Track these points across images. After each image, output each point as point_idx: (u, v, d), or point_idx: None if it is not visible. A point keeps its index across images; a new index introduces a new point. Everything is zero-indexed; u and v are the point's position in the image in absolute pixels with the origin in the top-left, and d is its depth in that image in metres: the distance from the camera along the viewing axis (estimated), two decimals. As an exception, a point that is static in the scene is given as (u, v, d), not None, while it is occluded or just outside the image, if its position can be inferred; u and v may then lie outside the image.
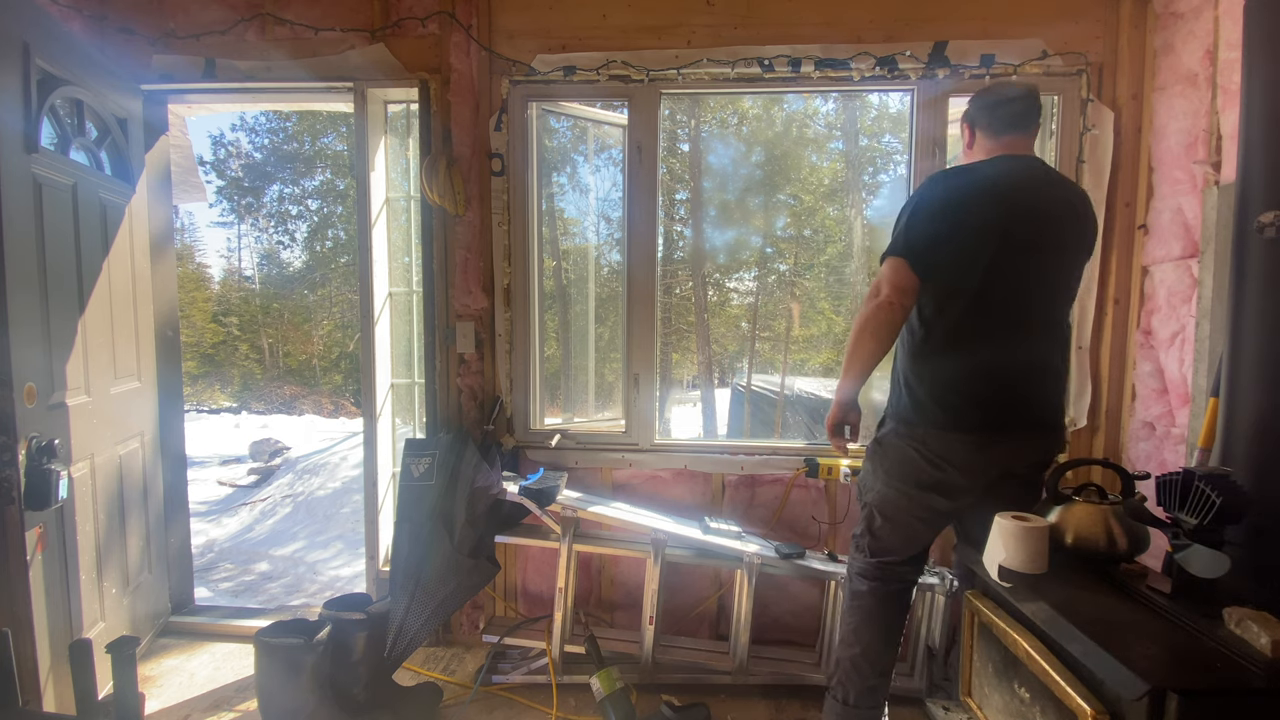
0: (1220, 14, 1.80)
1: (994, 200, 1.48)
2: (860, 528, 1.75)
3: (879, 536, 1.69)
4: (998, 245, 1.47)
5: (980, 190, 1.50)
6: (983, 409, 1.52)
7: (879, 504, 1.67)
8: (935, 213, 1.50)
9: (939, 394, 1.54)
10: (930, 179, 1.57)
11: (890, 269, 1.50)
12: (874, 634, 1.70)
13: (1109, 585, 1.34)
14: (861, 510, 1.75)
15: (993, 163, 1.57)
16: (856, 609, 1.72)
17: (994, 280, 1.49)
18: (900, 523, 1.66)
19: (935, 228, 1.48)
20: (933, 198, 1.52)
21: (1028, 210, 1.50)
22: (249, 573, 4.17)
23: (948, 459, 1.54)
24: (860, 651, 1.69)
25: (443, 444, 2.11)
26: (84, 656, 1.30)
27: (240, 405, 17.22)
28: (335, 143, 18.48)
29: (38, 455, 1.69)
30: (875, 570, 1.70)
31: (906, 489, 1.61)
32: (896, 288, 1.49)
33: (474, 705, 2.08)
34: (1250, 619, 1.08)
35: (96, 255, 2.09)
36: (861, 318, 1.53)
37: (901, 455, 1.60)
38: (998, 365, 1.52)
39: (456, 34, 2.28)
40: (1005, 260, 1.48)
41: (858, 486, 1.78)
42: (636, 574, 2.40)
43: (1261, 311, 1.34)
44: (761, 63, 2.22)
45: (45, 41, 1.82)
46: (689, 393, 16.33)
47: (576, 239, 3.29)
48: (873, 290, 1.53)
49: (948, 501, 1.59)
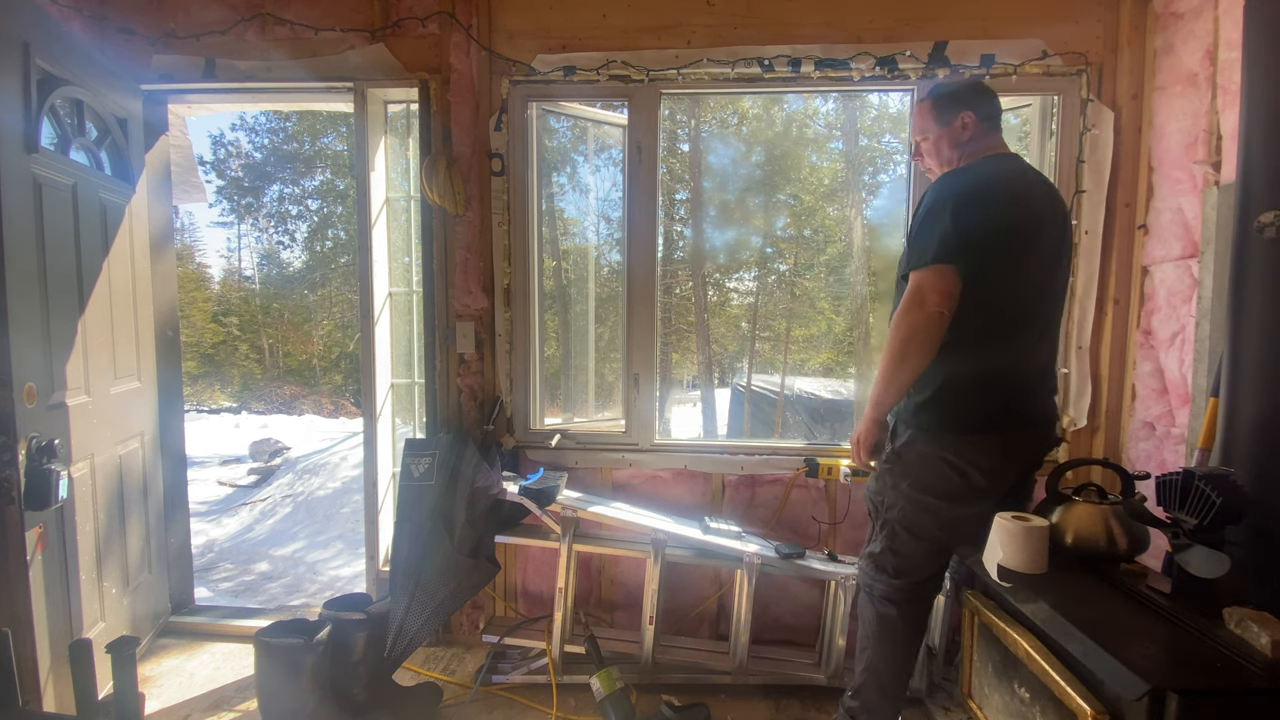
0: (1220, 14, 1.80)
1: (1014, 201, 1.47)
2: (879, 546, 1.63)
3: (904, 555, 1.59)
4: (1021, 247, 1.47)
5: (1010, 191, 1.48)
6: (1006, 411, 1.51)
7: (903, 520, 1.57)
8: (978, 216, 1.42)
9: (964, 398, 1.48)
10: (957, 178, 1.49)
11: (938, 277, 1.40)
12: (906, 655, 1.64)
13: (1109, 585, 1.34)
14: (879, 529, 1.63)
15: (1001, 160, 1.54)
16: (885, 635, 1.62)
17: (1013, 282, 1.47)
18: (927, 537, 1.57)
19: (978, 231, 1.41)
20: (971, 200, 1.44)
21: (1036, 211, 1.49)
22: (249, 573, 4.17)
23: (976, 464, 1.49)
24: (891, 677, 1.63)
25: (443, 444, 2.10)
26: (84, 656, 1.29)
27: (240, 405, 17.22)
28: (335, 143, 18.47)
29: (38, 455, 1.69)
30: (904, 592, 1.60)
31: (933, 501, 1.53)
32: (947, 296, 1.40)
33: (474, 705, 2.08)
34: (1250, 619, 1.08)
35: (96, 255, 2.09)
36: (907, 330, 1.42)
37: (925, 465, 1.51)
38: (1017, 366, 1.52)
39: (456, 34, 2.28)
40: (1022, 261, 1.48)
41: (872, 503, 1.65)
42: (636, 574, 2.40)
43: (1261, 311, 1.34)
44: (761, 63, 2.22)
45: (45, 41, 1.82)
46: (689, 393, 16.33)
47: (576, 239, 3.29)
48: (915, 300, 1.42)
49: (972, 509, 1.53)
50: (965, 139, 1.58)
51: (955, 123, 1.58)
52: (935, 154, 1.63)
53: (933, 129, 1.61)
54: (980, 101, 1.57)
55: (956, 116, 1.58)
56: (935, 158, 1.63)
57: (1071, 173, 2.17)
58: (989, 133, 1.58)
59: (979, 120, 1.56)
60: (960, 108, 1.57)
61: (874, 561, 1.64)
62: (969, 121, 1.57)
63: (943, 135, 1.59)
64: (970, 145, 1.58)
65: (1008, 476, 1.54)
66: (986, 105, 1.57)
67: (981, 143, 1.58)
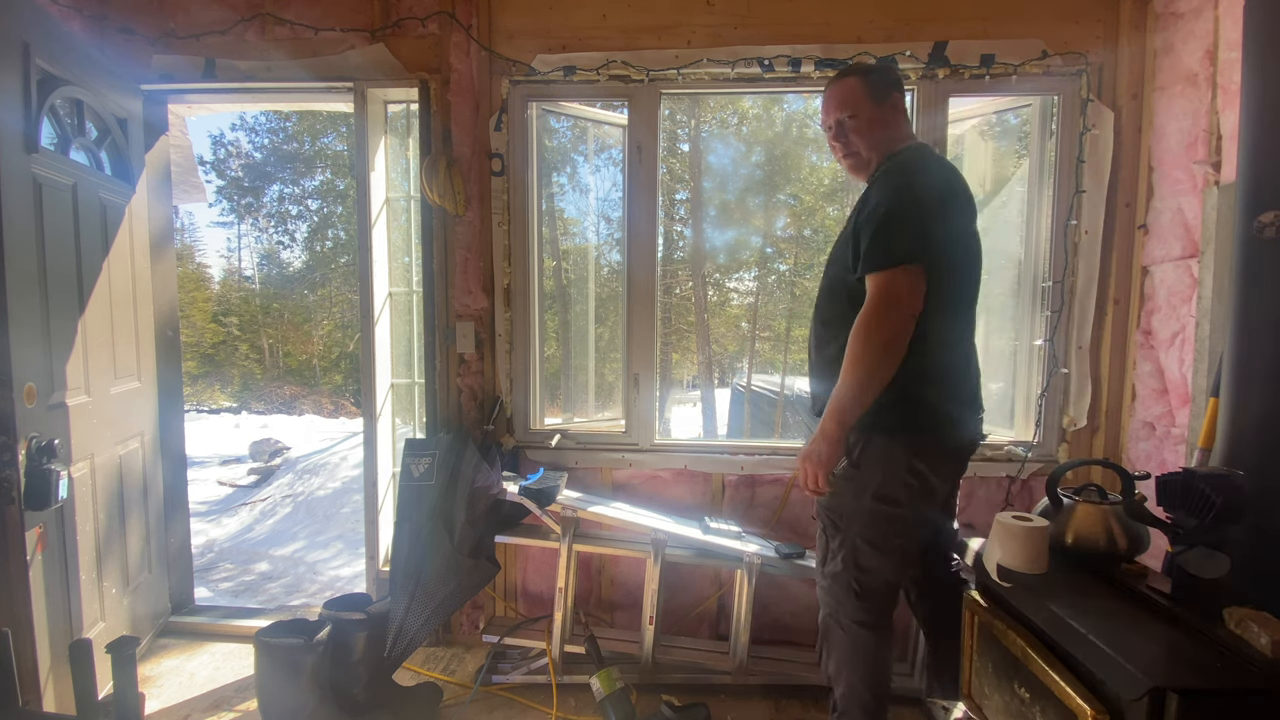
0: (1220, 14, 1.80)
1: (968, 202, 1.49)
2: (839, 565, 1.53)
3: (869, 570, 1.51)
4: (975, 249, 1.49)
5: (966, 193, 1.48)
6: (965, 408, 1.52)
7: (865, 534, 1.50)
8: (940, 214, 1.40)
9: (926, 400, 1.44)
10: (918, 176, 1.44)
11: (911, 277, 1.35)
12: (885, 665, 1.59)
13: (1109, 585, 1.34)
14: (837, 547, 1.54)
15: (938, 156, 1.54)
16: (861, 656, 1.55)
17: (963, 283, 1.49)
18: (891, 548, 1.50)
19: (942, 230, 1.39)
20: (942, 201, 1.42)
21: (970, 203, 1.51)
22: (249, 573, 4.17)
23: (934, 467, 1.47)
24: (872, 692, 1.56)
25: (443, 444, 2.11)
26: (84, 656, 1.30)
27: (240, 405, 17.22)
28: (335, 143, 18.48)
29: (38, 455, 1.69)
30: (874, 612, 1.54)
31: (896, 509, 1.47)
32: (919, 296, 1.36)
33: (474, 705, 2.08)
34: (1250, 619, 1.08)
35: (96, 255, 2.09)
36: (885, 334, 1.35)
37: (889, 472, 1.45)
38: (964, 365, 1.53)
39: (456, 34, 2.28)
40: (971, 264, 1.50)
41: (827, 520, 1.56)
42: (636, 574, 2.40)
43: (1262, 311, 1.34)
44: (761, 63, 2.21)
45: (45, 41, 1.82)
46: (689, 393, 16.34)
47: (576, 239, 3.29)
48: (887, 301, 1.36)
49: (925, 512, 1.51)
50: (896, 120, 1.54)
51: (888, 103, 1.53)
52: (864, 134, 1.54)
53: (865, 108, 1.52)
54: (897, 83, 1.55)
55: (889, 96, 1.53)
56: (863, 138, 1.54)
57: (1071, 173, 2.17)
58: (907, 120, 1.58)
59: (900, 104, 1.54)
60: (892, 88, 1.53)
61: (838, 583, 1.55)
62: (899, 103, 1.54)
63: (875, 115, 1.53)
64: (898, 129, 1.54)
65: (956, 476, 1.57)
66: (899, 89, 1.55)
67: (903, 129, 1.55)
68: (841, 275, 1.52)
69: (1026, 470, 2.23)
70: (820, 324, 1.61)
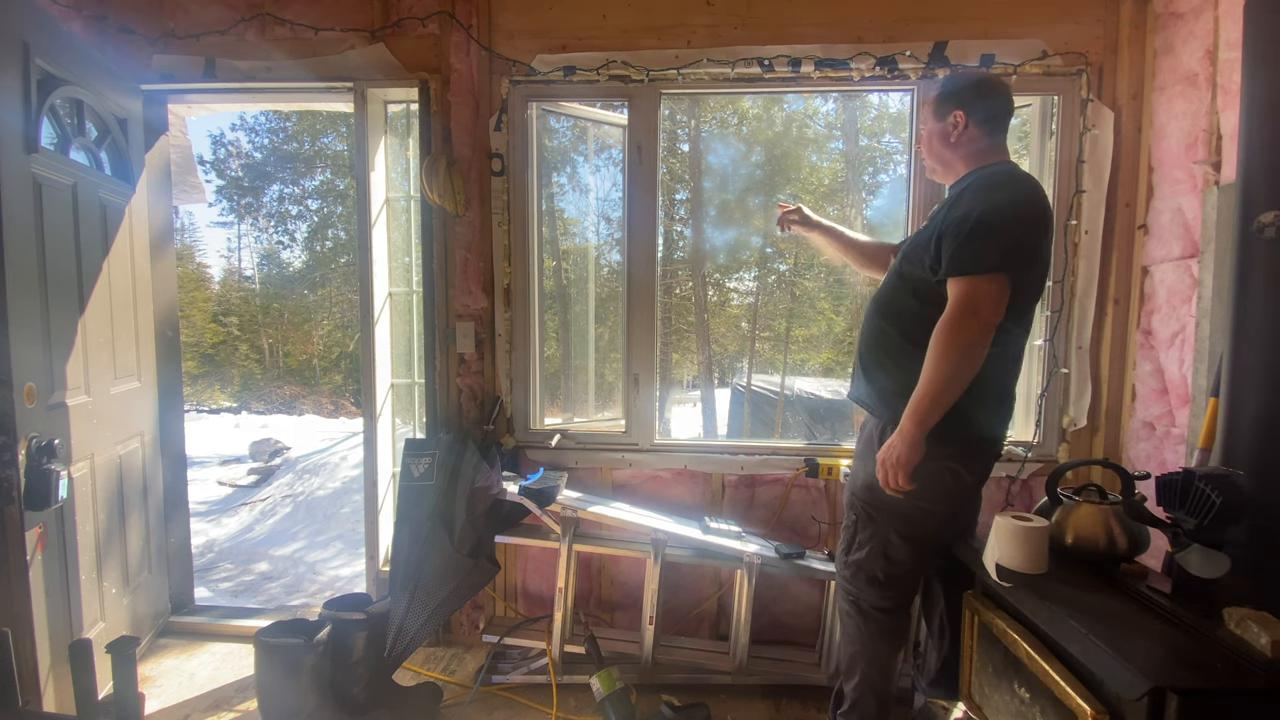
0: (1220, 14, 1.80)
1: (1050, 222, 1.49)
2: (865, 553, 1.58)
3: (897, 560, 1.56)
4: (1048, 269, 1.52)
5: (1050, 213, 1.49)
6: (1003, 408, 1.55)
7: (901, 526, 1.54)
8: (1035, 234, 1.42)
9: (978, 404, 1.45)
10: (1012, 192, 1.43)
11: (995, 287, 1.36)
12: (897, 657, 1.67)
13: (1109, 585, 1.34)
14: (868, 536, 1.59)
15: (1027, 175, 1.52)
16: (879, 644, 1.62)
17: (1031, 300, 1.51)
18: (922, 541, 1.57)
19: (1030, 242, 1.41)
20: (1034, 216, 1.43)
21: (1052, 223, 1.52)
22: (249, 573, 4.17)
23: (972, 467, 1.52)
24: (885, 684, 1.64)
25: (443, 444, 2.11)
26: (84, 656, 1.30)
27: (240, 405, 17.21)
28: (335, 143, 18.46)
29: (38, 455, 1.69)
30: (894, 599, 1.60)
31: (933, 505, 1.51)
32: (1002, 306, 1.37)
33: (474, 705, 2.08)
34: (1250, 619, 1.08)
35: (96, 255, 2.09)
36: (964, 343, 1.36)
37: (930, 470, 1.45)
38: (1015, 376, 1.57)
39: (456, 34, 2.28)
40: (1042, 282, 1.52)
41: (863, 508, 1.60)
42: (636, 574, 2.40)
43: (1262, 312, 1.34)
44: (761, 63, 2.21)
45: (45, 41, 1.82)
46: (689, 393, 16.33)
47: (576, 239, 3.28)
48: (966, 309, 1.36)
49: (959, 508, 1.58)
50: (953, 139, 1.53)
51: (946, 120, 1.54)
52: (928, 149, 1.61)
53: (928, 123, 1.60)
54: (977, 101, 1.51)
55: (949, 114, 1.54)
56: (928, 152, 1.62)
57: (1071, 173, 2.17)
58: (988, 135, 1.52)
59: (971, 121, 1.51)
60: (953, 105, 1.53)
61: (861, 570, 1.59)
62: (959, 120, 1.52)
63: (934, 131, 1.57)
64: (967, 146, 1.53)
65: (987, 473, 1.60)
66: (984, 106, 1.51)
67: (979, 144, 1.52)
68: (914, 272, 1.53)
69: (1026, 470, 2.23)
70: (879, 315, 1.60)
